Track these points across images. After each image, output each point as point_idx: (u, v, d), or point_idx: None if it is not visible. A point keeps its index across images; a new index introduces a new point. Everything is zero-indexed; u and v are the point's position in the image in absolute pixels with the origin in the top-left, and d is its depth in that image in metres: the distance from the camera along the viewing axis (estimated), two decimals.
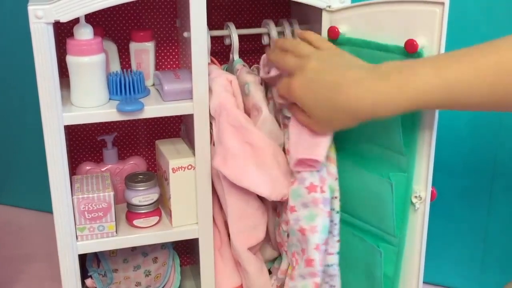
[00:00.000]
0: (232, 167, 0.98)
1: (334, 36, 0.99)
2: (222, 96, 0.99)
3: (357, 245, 1.02)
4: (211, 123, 1.03)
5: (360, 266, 1.03)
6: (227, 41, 1.10)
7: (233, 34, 1.07)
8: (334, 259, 0.99)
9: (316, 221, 0.95)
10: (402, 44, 0.88)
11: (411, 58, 0.86)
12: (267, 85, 1.05)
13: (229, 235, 1.07)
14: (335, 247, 0.99)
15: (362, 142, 0.98)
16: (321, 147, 0.92)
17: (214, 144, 1.03)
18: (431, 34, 0.86)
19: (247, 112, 1.04)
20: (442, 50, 0.86)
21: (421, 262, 0.96)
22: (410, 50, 0.87)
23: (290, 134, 0.96)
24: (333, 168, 0.99)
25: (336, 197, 0.99)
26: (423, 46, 0.87)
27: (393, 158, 0.93)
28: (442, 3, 0.84)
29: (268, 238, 1.13)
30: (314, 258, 0.95)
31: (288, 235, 1.06)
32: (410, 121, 0.90)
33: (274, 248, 1.15)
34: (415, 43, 0.86)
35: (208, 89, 1.00)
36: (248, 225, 1.05)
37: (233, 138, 0.98)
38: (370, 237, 1.01)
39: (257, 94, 1.01)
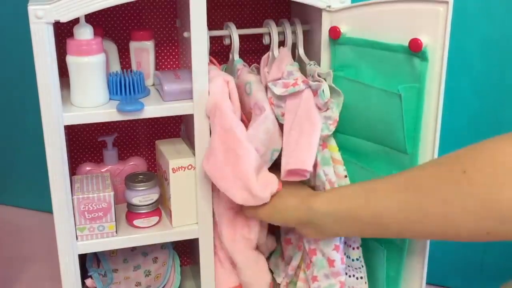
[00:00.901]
0: (212, 166, 0.99)
1: (335, 36, 0.99)
2: (218, 97, 0.99)
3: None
4: None
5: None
6: (226, 41, 1.10)
7: (234, 34, 1.07)
8: (358, 253, 1.01)
9: None
10: (406, 44, 0.88)
11: (416, 57, 0.87)
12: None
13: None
14: (358, 241, 1.01)
15: (364, 141, 0.98)
16: (308, 155, 0.94)
17: None
18: (435, 33, 0.86)
19: (248, 111, 1.04)
20: (446, 49, 0.86)
21: (425, 261, 0.96)
22: (415, 49, 0.87)
23: (287, 140, 0.97)
24: (340, 168, 0.99)
25: None
26: (426, 45, 0.87)
27: (396, 157, 0.93)
28: (447, 2, 0.84)
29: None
30: (334, 259, 0.98)
31: None
32: (413, 119, 0.90)
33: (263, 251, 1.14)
34: (419, 42, 0.86)
35: (208, 89, 1.00)
36: (241, 232, 1.06)
37: (220, 140, 0.98)
38: (371, 238, 1.01)
39: (259, 94, 1.01)
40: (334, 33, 0.99)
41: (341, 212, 0.89)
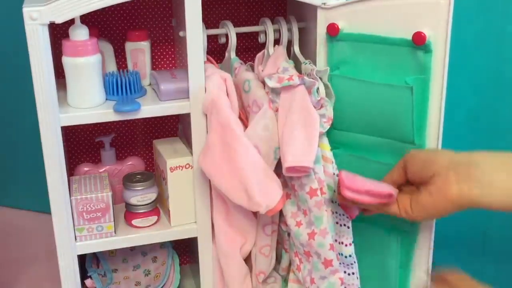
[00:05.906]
0: (208, 163, 0.99)
1: (333, 33, 0.99)
2: (215, 94, 0.99)
3: (369, 236, 1.03)
4: None
5: (372, 257, 1.04)
6: (222, 40, 1.09)
7: (231, 33, 1.07)
8: (350, 250, 1.01)
9: (324, 223, 0.96)
10: (409, 37, 0.89)
11: (419, 49, 0.88)
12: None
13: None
14: (350, 238, 1.01)
15: (370, 136, 0.98)
16: (308, 151, 0.93)
17: None
18: (437, 25, 0.87)
19: (246, 109, 1.04)
20: (448, 41, 0.87)
21: (430, 251, 0.98)
22: (419, 43, 0.88)
23: (282, 134, 0.97)
24: (330, 167, 0.99)
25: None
26: (429, 37, 0.87)
27: (402, 148, 0.93)
28: None
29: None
30: (332, 258, 0.98)
31: (288, 235, 1.06)
32: (419, 109, 0.91)
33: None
34: (423, 35, 0.87)
35: (204, 88, 1.00)
36: (235, 228, 1.06)
37: (217, 137, 0.98)
38: (382, 227, 1.01)
39: (258, 91, 1.01)
40: (333, 30, 0.99)
41: None
